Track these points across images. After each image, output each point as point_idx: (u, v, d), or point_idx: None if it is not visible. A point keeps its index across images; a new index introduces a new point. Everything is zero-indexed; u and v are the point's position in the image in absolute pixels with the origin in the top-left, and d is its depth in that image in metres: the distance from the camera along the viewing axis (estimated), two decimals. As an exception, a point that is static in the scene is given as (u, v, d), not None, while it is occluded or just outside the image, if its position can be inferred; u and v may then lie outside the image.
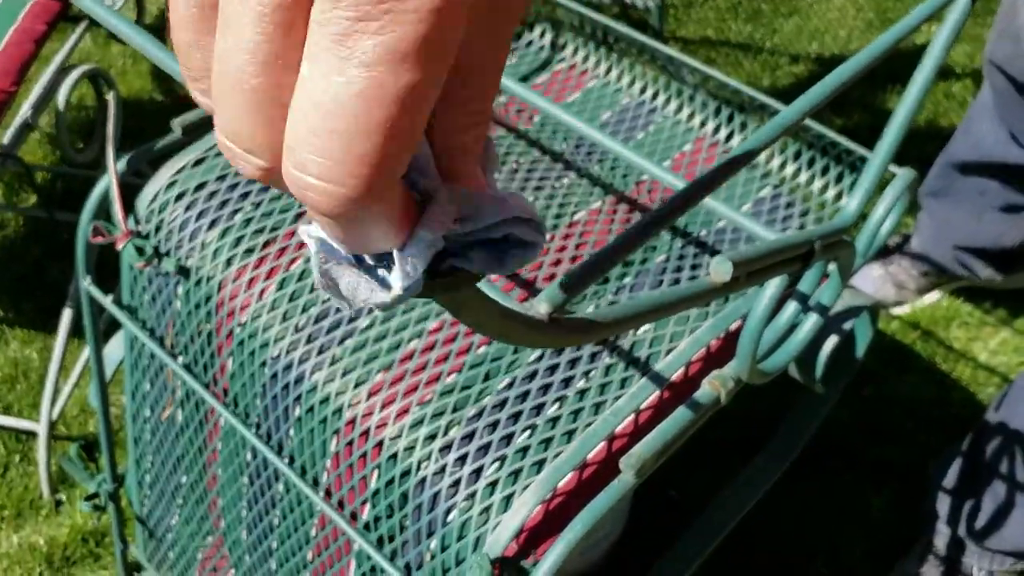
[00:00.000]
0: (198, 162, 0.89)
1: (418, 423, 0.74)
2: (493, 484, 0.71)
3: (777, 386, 1.46)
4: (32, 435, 1.44)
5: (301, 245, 0.84)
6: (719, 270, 0.52)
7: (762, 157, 0.98)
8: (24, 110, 1.34)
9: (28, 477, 1.42)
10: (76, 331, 1.38)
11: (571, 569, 1.02)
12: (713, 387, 0.73)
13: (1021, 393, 1.21)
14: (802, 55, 2.18)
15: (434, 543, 0.73)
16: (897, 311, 1.68)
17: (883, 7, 2.31)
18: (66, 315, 1.34)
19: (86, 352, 1.37)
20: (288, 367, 0.79)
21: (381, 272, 0.27)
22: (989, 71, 1.40)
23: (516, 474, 0.72)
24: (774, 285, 0.67)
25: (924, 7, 0.69)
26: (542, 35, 1.08)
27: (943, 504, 1.31)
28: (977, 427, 1.29)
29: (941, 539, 1.34)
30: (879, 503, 1.46)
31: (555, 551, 0.68)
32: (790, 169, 0.97)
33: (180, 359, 0.89)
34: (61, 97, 1.31)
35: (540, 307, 0.41)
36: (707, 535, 0.96)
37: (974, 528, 1.28)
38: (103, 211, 0.89)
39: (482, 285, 0.33)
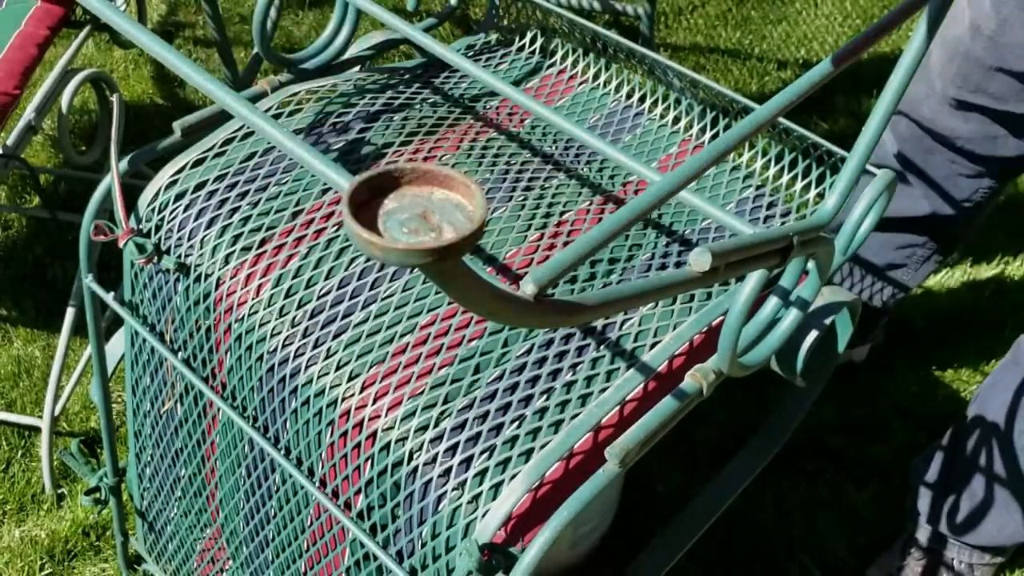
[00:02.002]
0: (198, 163, 0.91)
1: (410, 414, 0.77)
2: (482, 473, 0.74)
3: (763, 386, 1.49)
4: (35, 431, 1.47)
5: (297, 243, 0.86)
6: (699, 260, 0.55)
7: (745, 158, 1.01)
8: (28, 113, 1.36)
9: (31, 472, 1.45)
10: (78, 330, 1.41)
11: (561, 562, 1.05)
12: (695, 379, 0.76)
13: (995, 387, 1.24)
14: (790, 61, 2.21)
15: (425, 530, 0.76)
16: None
17: (870, 14, 2.34)
18: (69, 313, 1.37)
19: (88, 350, 1.39)
20: (284, 361, 0.82)
21: None
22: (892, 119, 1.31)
23: (505, 463, 0.74)
24: (754, 280, 0.69)
25: (897, 9, 0.72)
26: (533, 41, 1.11)
27: (924, 499, 1.34)
28: (956, 423, 1.31)
29: (922, 533, 1.36)
30: (862, 499, 1.48)
31: (542, 537, 0.70)
32: (773, 170, 0.99)
33: (179, 354, 0.91)
34: (64, 101, 1.33)
35: (527, 287, 0.44)
36: (690, 528, 0.98)
37: (954, 523, 1.30)
38: (105, 210, 0.91)
39: (472, 266, 0.36)
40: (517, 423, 0.76)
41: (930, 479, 1.33)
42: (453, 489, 0.74)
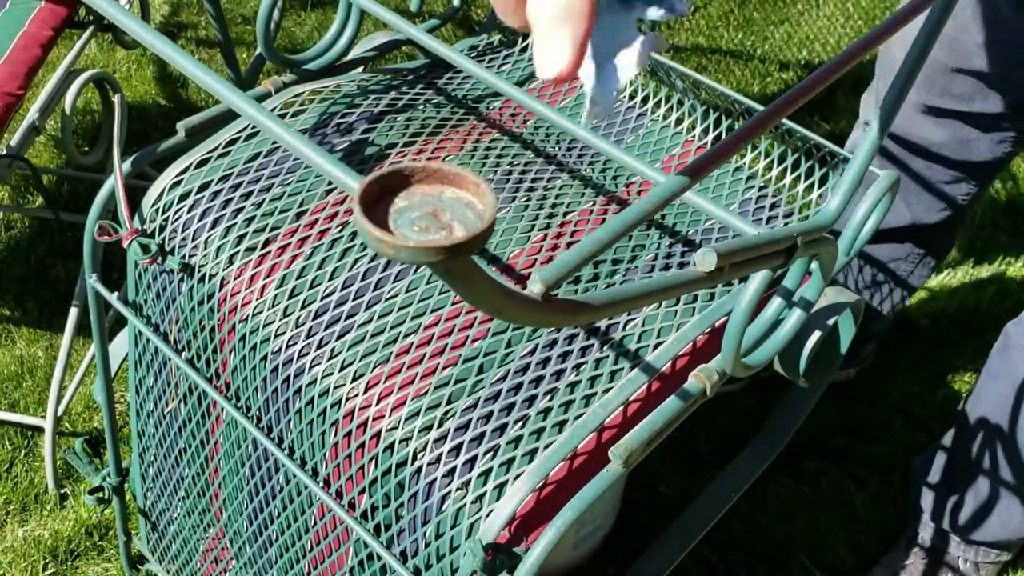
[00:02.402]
0: (201, 163, 0.92)
1: (414, 414, 0.77)
2: (486, 473, 0.74)
3: (765, 388, 1.49)
4: (38, 431, 1.47)
5: (301, 243, 0.86)
6: (704, 260, 0.55)
7: (748, 159, 1.01)
8: (31, 113, 1.36)
9: (34, 472, 1.45)
10: (81, 330, 1.41)
11: (564, 562, 1.05)
12: (699, 380, 0.76)
13: (987, 381, 1.24)
14: (792, 62, 2.21)
15: (429, 530, 0.76)
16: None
17: (872, 15, 2.35)
18: (72, 313, 1.37)
19: (91, 350, 1.40)
20: (288, 361, 0.82)
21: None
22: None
23: (508, 464, 0.74)
24: (757, 281, 0.69)
25: (900, 10, 0.72)
26: (536, 41, 1.11)
27: (927, 498, 1.34)
28: (954, 419, 1.32)
29: (926, 532, 1.36)
30: (863, 499, 1.49)
31: (545, 537, 0.70)
32: (776, 171, 1.00)
33: (183, 354, 0.91)
34: (67, 101, 1.33)
35: (534, 286, 0.44)
36: (692, 528, 0.98)
37: (957, 520, 1.30)
38: (109, 211, 0.92)
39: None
40: (521, 423, 0.76)
41: (932, 478, 1.33)
42: (457, 489, 0.74)
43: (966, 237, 1.86)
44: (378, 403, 0.78)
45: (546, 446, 0.75)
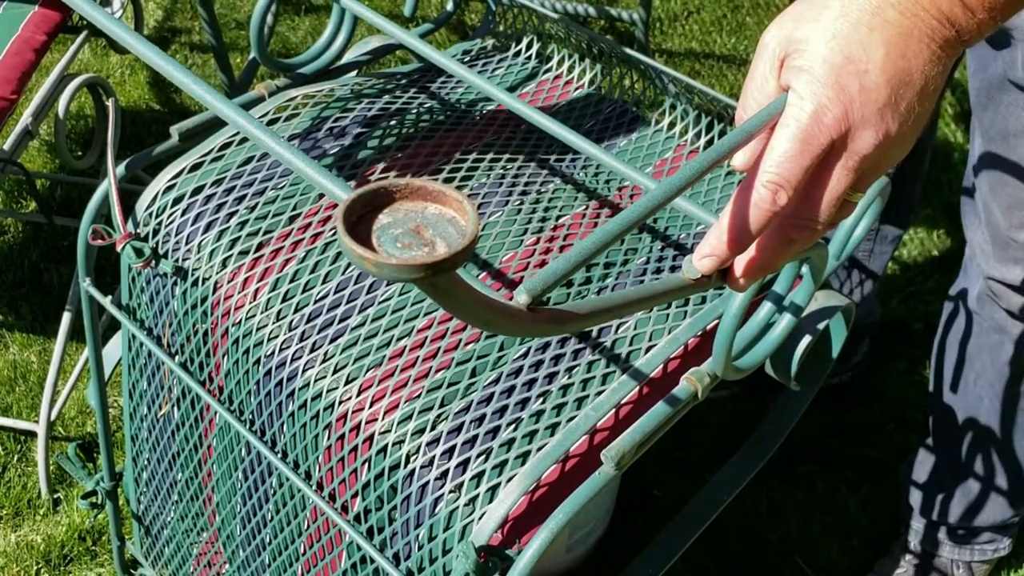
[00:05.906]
0: (195, 167, 0.92)
1: (407, 418, 0.77)
2: (479, 476, 0.74)
3: (758, 391, 1.49)
4: (31, 435, 1.47)
5: (295, 247, 0.87)
6: (691, 268, 0.55)
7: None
8: (24, 118, 1.37)
9: (27, 477, 1.45)
10: (74, 334, 1.41)
11: (557, 565, 1.05)
12: (690, 383, 0.77)
13: (944, 354, 1.25)
14: (786, 66, 2.22)
15: (422, 533, 0.76)
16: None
17: (867, 19, 2.35)
18: (65, 318, 1.37)
19: (84, 354, 1.40)
20: (281, 364, 0.82)
21: None
22: None
23: (501, 466, 0.75)
24: (747, 285, 0.69)
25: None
26: (529, 46, 1.11)
27: (915, 497, 1.34)
28: (924, 412, 1.33)
29: (917, 537, 1.37)
30: (856, 502, 1.49)
31: (538, 539, 0.71)
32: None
33: (177, 358, 0.91)
34: (61, 106, 1.34)
35: (520, 297, 0.44)
36: (685, 531, 0.98)
37: (947, 511, 1.30)
38: (103, 215, 0.92)
39: (467, 278, 0.36)
40: (513, 426, 0.76)
41: (917, 477, 1.33)
42: (450, 492, 0.74)
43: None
44: (371, 406, 0.78)
45: (539, 449, 0.75)
